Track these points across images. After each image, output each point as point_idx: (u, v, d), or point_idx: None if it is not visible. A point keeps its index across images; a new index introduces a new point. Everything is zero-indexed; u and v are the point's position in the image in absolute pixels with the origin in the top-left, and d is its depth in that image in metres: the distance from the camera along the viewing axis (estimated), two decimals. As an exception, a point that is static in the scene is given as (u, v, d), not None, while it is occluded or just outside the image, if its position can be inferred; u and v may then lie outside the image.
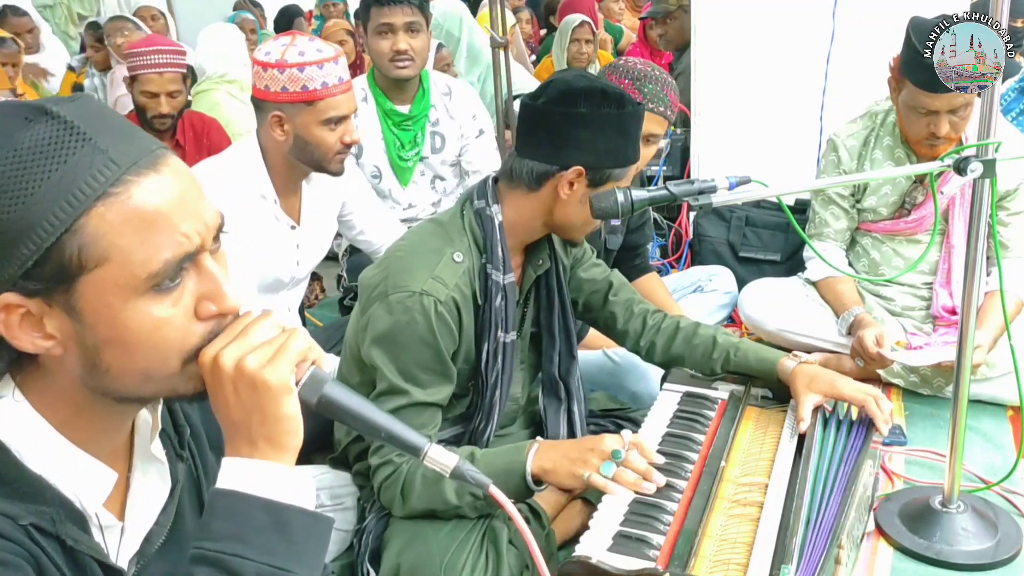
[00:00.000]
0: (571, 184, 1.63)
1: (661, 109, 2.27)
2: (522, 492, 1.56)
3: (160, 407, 0.93)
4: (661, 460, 1.55)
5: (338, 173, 2.15)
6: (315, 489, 0.88)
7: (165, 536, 0.94)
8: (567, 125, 1.61)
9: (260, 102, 2.04)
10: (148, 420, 0.94)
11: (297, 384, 0.85)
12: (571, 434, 1.87)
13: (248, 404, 0.82)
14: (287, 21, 6.89)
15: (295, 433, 0.84)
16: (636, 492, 1.48)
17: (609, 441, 1.53)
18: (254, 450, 0.83)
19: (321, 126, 2.03)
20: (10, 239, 0.74)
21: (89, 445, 0.85)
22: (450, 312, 1.60)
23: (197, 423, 1.03)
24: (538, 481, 1.56)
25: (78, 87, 5.17)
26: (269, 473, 0.83)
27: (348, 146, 2.09)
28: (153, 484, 0.95)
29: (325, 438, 1.93)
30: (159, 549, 0.93)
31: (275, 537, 0.81)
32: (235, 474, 0.83)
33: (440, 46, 4.35)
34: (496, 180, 1.73)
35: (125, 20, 4.81)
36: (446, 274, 1.61)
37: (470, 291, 1.65)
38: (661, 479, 1.50)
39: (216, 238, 0.84)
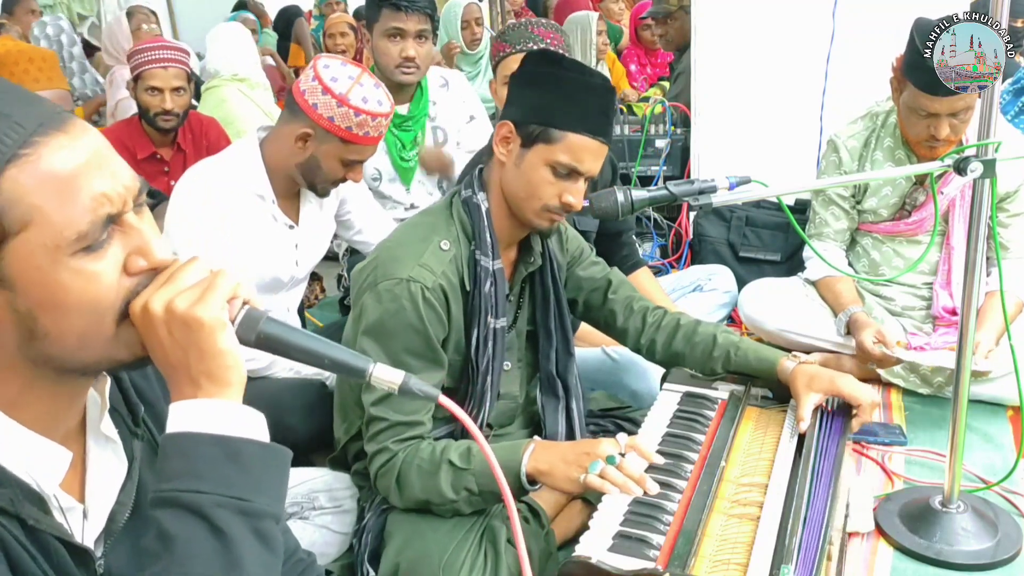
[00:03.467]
0: (506, 141, 1.66)
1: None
2: (516, 491, 1.55)
3: (108, 386, 0.93)
4: (661, 461, 1.54)
5: (324, 195, 2.22)
6: (314, 486, 0.87)
7: (129, 514, 0.93)
8: (510, 88, 1.70)
9: (299, 109, 2.04)
10: (97, 400, 0.93)
11: (233, 323, 0.85)
12: (570, 432, 1.86)
13: (183, 344, 0.81)
14: (287, 21, 6.89)
15: (235, 367, 0.83)
16: (624, 493, 1.47)
17: (605, 446, 1.51)
18: (197, 389, 0.83)
19: (339, 160, 2.09)
20: None
21: (40, 427, 0.84)
22: (437, 298, 1.61)
23: (155, 399, 1.02)
24: (532, 480, 1.55)
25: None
26: (215, 409, 0.82)
27: (345, 181, 2.16)
28: (109, 463, 0.94)
29: (325, 438, 1.93)
30: (124, 527, 0.93)
31: (228, 468, 0.81)
32: (182, 416, 0.83)
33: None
34: (483, 169, 1.74)
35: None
36: (432, 261, 1.62)
37: (457, 279, 1.66)
38: (654, 487, 1.46)
39: (138, 201, 0.83)
